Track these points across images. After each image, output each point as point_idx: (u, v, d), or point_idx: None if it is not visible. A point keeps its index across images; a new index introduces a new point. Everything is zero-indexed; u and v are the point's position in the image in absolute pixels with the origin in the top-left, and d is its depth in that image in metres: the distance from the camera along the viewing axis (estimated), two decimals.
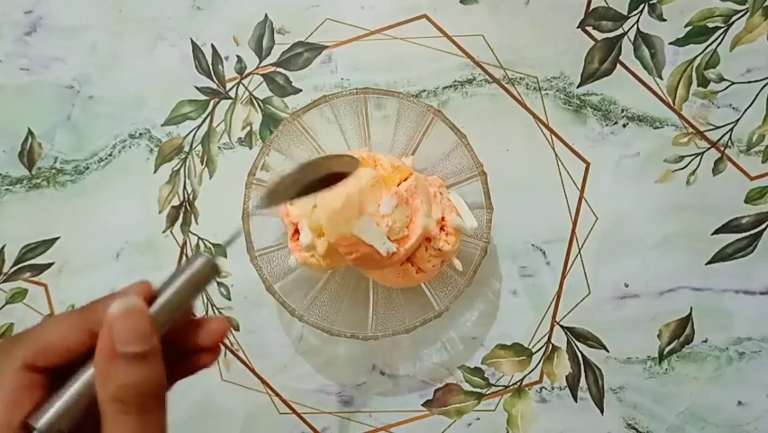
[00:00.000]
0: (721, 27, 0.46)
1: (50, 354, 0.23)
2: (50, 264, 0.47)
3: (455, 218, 0.41)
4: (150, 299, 0.24)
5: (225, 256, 0.47)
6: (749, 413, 0.46)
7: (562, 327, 0.47)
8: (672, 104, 0.46)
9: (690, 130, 0.46)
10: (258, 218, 0.43)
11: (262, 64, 0.47)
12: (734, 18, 0.46)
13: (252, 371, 0.48)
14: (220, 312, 0.48)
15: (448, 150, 0.44)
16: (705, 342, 0.46)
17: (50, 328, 0.23)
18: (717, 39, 0.46)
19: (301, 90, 0.47)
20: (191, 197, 0.47)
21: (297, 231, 0.42)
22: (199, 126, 0.47)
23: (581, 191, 0.47)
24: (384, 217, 0.38)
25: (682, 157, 0.46)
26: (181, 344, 0.26)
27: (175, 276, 0.24)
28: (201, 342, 0.26)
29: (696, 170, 0.46)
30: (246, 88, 0.47)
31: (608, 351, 0.47)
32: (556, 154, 0.47)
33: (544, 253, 0.47)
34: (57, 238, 0.47)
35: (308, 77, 0.47)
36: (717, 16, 0.46)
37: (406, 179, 0.40)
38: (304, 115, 0.43)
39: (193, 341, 0.26)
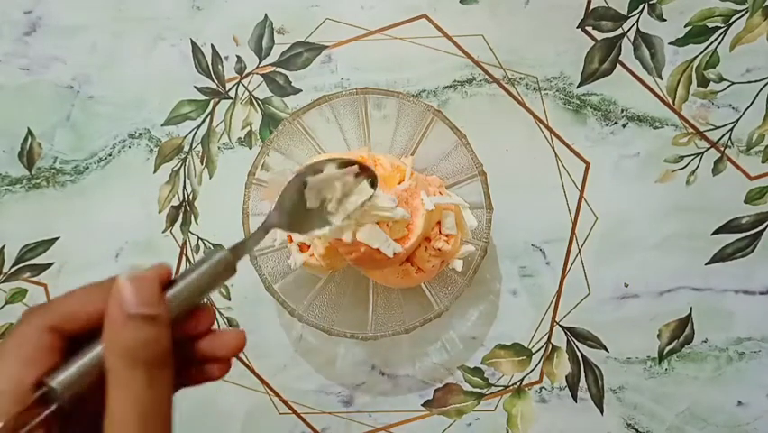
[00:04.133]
0: (721, 27, 0.46)
1: (72, 321, 0.23)
2: (49, 264, 0.47)
3: (449, 222, 0.41)
4: (167, 283, 0.24)
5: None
6: (749, 413, 0.46)
7: (561, 326, 0.47)
8: (671, 104, 0.46)
9: (690, 130, 0.46)
10: (258, 218, 0.43)
11: (262, 64, 0.47)
12: (733, 18, 0.46)
13: (252, 371, 0.48)
14: (220, 312, 0.48)
15: (448, 150, 0.44)
16: (705, 342, 0.46)
17: (75, 297, 0.24)
18: (716, 39, 0.46)
19: (301, 90, 0.47)
20: (191, 197, 0.47)
21: None
22: (199, 126, 0.47)
23: (581, 191, 0.47)
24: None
25: (682, 157, 0.46)
26: (193, 351, 0.26)
27: (193, 267, 0.24)
28: (215, 353, 0.26)
29: (696, 170, 0.46)
30: (246, 88, 0.47)
31: (607, 351, 0.46)
32: (556, 154, 0.47)
33: (544, 253, 0.47)
34: (56, 238, 0.47)
35: (308, 77, 0.47)
36: (717, 16, 0.46)
37: (405, 179, 0.40)
38: (304, 115, 0.43)
39: (206, 351, 0.26)
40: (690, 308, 0.46)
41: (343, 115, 0.45)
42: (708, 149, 0.46)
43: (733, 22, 0.46)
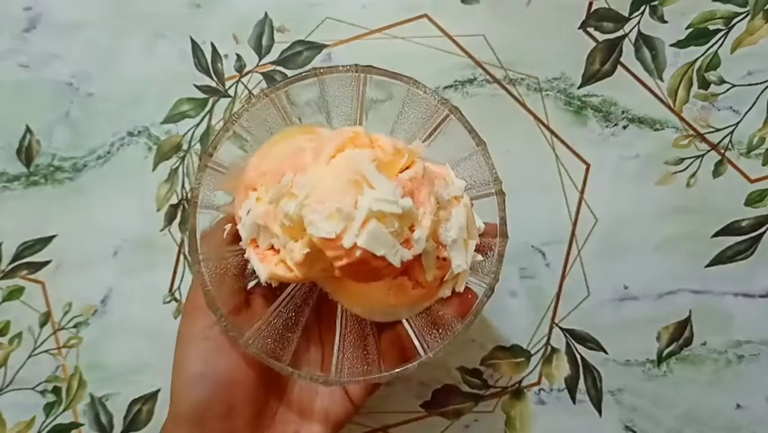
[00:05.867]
0: (722, 29, 0.46)
1: None
2: (47, 262, 0.47)
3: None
4: None
5: None
6: (748, 416, 0.46)
7: (561, 328, 0.47)
8: (672, 106, 0.46)
9: (691, 132, 0.46)
10: (211, 213, 0.34)
11: (262, 62, 0.47)
12: (735, 20, 0.46)
13: None
14: None
15: (458, 158, 0.35)
16: (704, 345, 0.46)
17: None
18: (718, 41, 0.46)
19: None
20: (189, 195, 0.47)
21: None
22: (198, 124, 0.47)
23: (581, 193, 0.46)
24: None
25: (682, 159, 0.46)
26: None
27: None
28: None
29: (696, 172, 0.46)
30: (245, 87, 0.47)
31: (606, 353, 0.46)
32: (556, 155, 0.46)
33: (544, 254, 0.47)
34: (54, 236, 0.47)
35: None
36: (718, 18, 0.46)
37: (409, 167, 0.31)
38: (285, 90, 0.34)
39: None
40: (690, 311, 0.46)
41: (334, 97, 0.35)
42: (709, 151, 0.46)
43: (734, 24, 0.46)
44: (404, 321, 0.35)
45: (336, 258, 0.28)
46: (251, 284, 0.35)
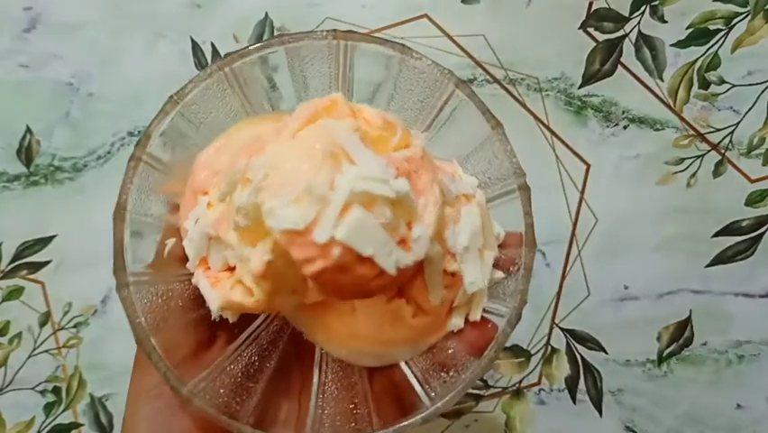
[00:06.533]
0: (722, 29, 0.46)
1: None
2: (47, 262, 0.47)
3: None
4: None
5: None
6: (748, 416, 0.46)
7: (561, 328, 0.47)
8: (672, 106, 0.46)
9: (691, 132, 0.46)
10: (144, 220, 0.26)
11: None
12: (735, 20, 0.46)
13: None
14: None
15: (468, 150, 0.28)
16: (704, 345, 0.46)
17: None
18: (718, 41, 0.46)
19: None
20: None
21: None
22: None
23: (582, 193, 0.46)
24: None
25: (683, 159, 0.46)
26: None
27: None
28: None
29: (696, 172, 0.46)
30: None
31: (606, 353, 0.46)
32: (557, 155, 0.46)
33: (544, 254, 0.47)
34: (54, 236, 0.47)
35: None
36: (719, 18, 0.46)
37: (405, 147, 0.24)
38: (242, 63, 0.26)
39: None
40: (690, 311, 0.46)
41: (309, 75, 0.27)
42: (709, 151, 0.46)
43: (734, 24, 0.46)
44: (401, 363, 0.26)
45: (306, 261, 0.19)
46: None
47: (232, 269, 0.23)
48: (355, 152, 0.20)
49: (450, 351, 0.26)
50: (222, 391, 0.24)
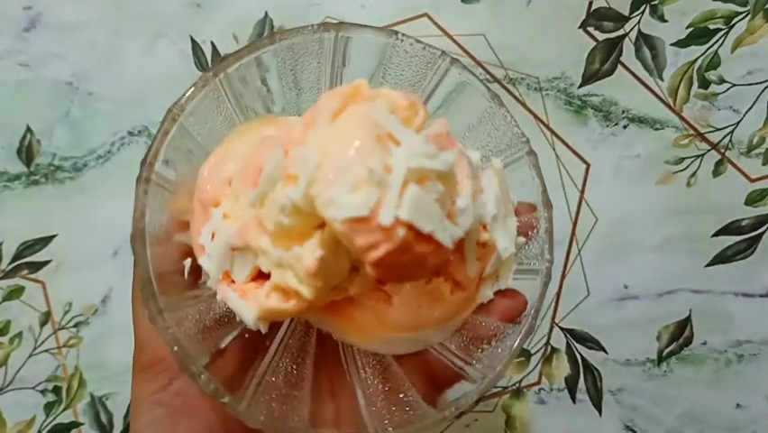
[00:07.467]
0: (722, 29, 0.46)
1: None
2: (47, 262, 0.47)
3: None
4: None
5: None
6: (748, 416, 0.46)
7: (561, 328, 0.47)
8: (672, 105, 0.46)
9: (691, 132, 0.46)
10: (162, 249, 0.27)
11: None
12: (735, 20, 0.46)
13: None
14: None
15: (463, 130, 0.29)
16: (704, 344, 0.46)
17: None
18: (718, 40, 0.46)
19: None
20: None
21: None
22: None
23: (581, 192, 0.46)
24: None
25: (683, 159, 0.46)
26: None
27: None
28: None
29: (696, 171, 0.46)
30: None
31: (606, 352, 0.46)
32: (557, 155, 0.46)
33: None
34: (54, 236, 0.47)
35: None
36: (719, 18, 0.46)
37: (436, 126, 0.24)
38: (237, 68, 0.25)
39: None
40: (690, 310, 0.46)
41: (302, 73, 0.27)
42: (709, 151, 0.46)
43: (734, 23, 0.46)
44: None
45: (371, 247, 0.19)
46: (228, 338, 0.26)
47: (261, 278, 0.23)
48: (398, 133, 0.20)
49: (483, 324, 0.26)
50: (274, 405, 0.24)
